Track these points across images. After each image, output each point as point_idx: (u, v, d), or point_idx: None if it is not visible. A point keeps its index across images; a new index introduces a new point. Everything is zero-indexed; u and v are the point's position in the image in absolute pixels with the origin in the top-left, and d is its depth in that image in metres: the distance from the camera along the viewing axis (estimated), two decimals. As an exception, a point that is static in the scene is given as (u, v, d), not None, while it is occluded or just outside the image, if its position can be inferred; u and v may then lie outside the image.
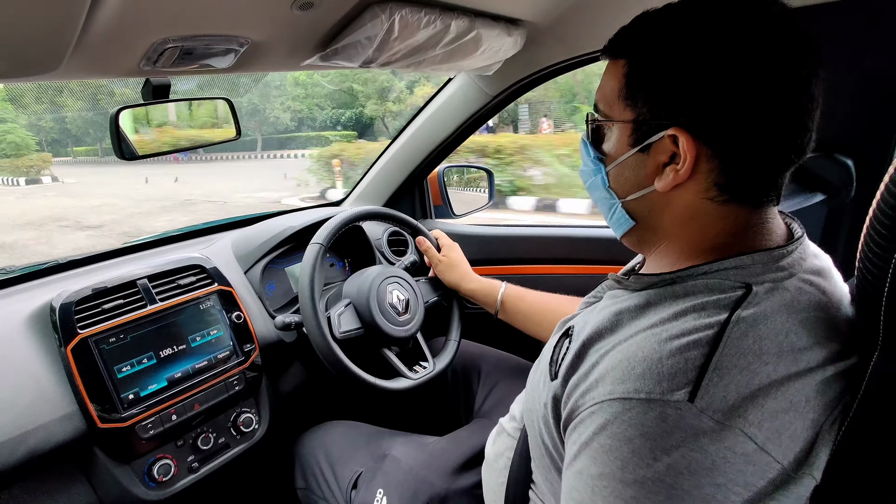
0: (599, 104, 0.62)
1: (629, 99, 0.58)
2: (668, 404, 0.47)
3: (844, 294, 0.59)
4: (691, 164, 0.54)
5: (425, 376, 1.19)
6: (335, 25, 0.82)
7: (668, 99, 0.55)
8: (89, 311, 0.97)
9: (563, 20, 1.05)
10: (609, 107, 0.61)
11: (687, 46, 0.53)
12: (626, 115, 0.58)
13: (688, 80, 0.53)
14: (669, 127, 0.54)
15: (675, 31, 0.54)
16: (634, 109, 0.58)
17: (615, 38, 0.60)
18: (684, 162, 0.54)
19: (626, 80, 0.58)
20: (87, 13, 0.54)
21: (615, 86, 0.59)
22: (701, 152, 0.54)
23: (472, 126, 1.41)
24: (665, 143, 0.55)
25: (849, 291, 0.59)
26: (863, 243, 0.51)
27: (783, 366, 0.48)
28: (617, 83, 0.59)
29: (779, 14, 0.52)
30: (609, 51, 0.61)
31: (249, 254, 1.29)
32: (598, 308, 0.64)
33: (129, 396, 0.95)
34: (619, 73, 0.58)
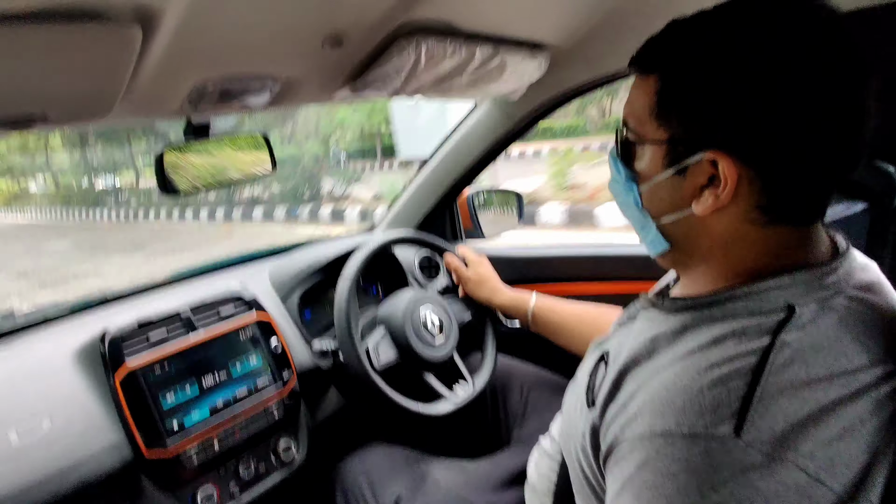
0: (629, 120, 0.58)
1: (662, 118, 0.54)
2: (712, 439, 0.44)
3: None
4: (733, 187, 0.50)
5: (466, 397, 1.19)
6: (364, 59, 0.85)
7: (705, 118, 0.51)
8: (135, 343, 1.00)
9: (586, 41, 1.06)
10: (640, 124, 0.57)
11: (724, 60, 0.49)
12: (659, 134, 0.55)
13: (726, 98, 0.49)
14: (708, 149, 0.51)
15: (711, 43, 0.50)
16: (668, 129, 0.54)
17: (644, 50, 0.56)
18: (725, 186, 0.51)
19: (658, 98, 0.54)
20: (135, 61, 0.58)
21: (646, 103, 0.55)
22: (742, 174, 0.50)
23: (498, 148, 1.42)
24: (703, 165, 0.52)
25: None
26: None
27: (834, 390, 0.46)
28: (648, 100, 0.55)
29: (827, 20, 0.48)
30: (638, 64, 0.57)
31: (286, 282, 1.32)
32: (634, 331, 0.62)
33: (173, 426, 0.98)
34: (651, 90, 0.54)
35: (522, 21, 0.94)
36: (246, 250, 1.58)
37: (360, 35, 0.78)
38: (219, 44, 0.66)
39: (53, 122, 0.66)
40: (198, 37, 0.62)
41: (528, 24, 0.96)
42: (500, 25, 0.92)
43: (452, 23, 0.85)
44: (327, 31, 0.74)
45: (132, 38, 0.54)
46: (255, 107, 0.87)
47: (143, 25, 0.54)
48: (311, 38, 0.75)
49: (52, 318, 1.15)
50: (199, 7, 0.56)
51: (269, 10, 0.64)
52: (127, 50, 0.55)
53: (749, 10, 0.50)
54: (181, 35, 0.59)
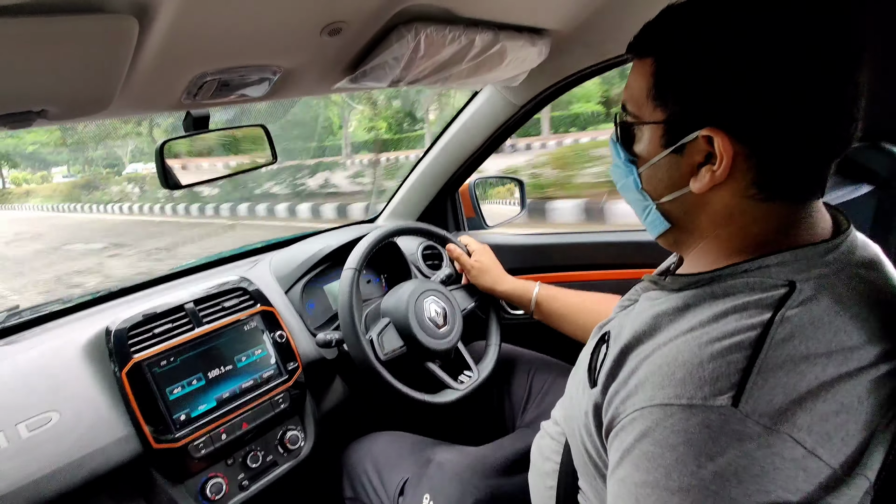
0: (627, 104, 0.60)
1: (659, 99, 0.55)
2: (711, 409, 0.45)
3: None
4: (728, 164, 0.52)
5: (471, 385, 1.19)
6: (363, 48, 0.85)
7: (699, 97, 0.52)
8: (141, 336, 1.01)
9: (587, 26, 1.05)
10: (638, 107, 0.58)
11: (716, 41, 0.50)
12: (656, 115, 0.56)
13: (719, 77, 0.50)
14: (703, 127, 0.52)
15: (703, 25, 0.52)
16: (665, 110, 0.55)
17: (641, 35, 0.58)
18: (720, 162, 0.52)
19: (654, 80, 0.55)
20: (132, 53, 0.58)
21: (643, 85, 0.56)
22: (738, 151, 0.51)
23: (500, 137, 1.41)
24: (699, 143, 0.53)
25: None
26: None
27: (833, 366, 0.46)
28: (645, 83, 0.56)
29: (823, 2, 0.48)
30: (635, 49, 0.58)
31: (289, 274, 1.32)
32: (635, 311, 0.62)
33: (180, 417, 0.98)
34: (647, 73, 0.56)
35: (523, 6, 0.93)
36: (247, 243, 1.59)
37: (359, 23, 0.77)
38: (217, 35, 0.65)
39: (53, 118, 0.66)
40: (195, 28, 0.61)
41: (528, 9, 0.95)
42: (501, 11, 0.91)
43: (452, 9, 0.84)
44: (327, 19, 0.74)
45: (129, 30, 0.54)
46: (253, 98, 0.87)
47: (139, 17, 0.53)
48: (311, 28, 0.74)
49: (58, 313, 1.16)
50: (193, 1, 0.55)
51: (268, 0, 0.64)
52: (124, 42, 0.55)
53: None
54: (178, 27, 0.58)
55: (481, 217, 1.69)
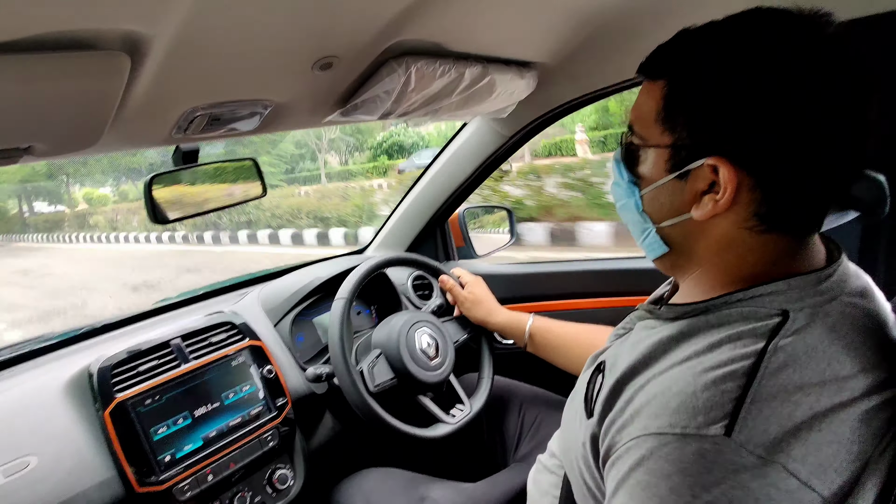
0: (635, 125, 0.59)
1: (667, 122, 0.55)
2: (704, 439, 0.45)
3: (889, 314, 0.56)
4: (732, 194, 0.51)
5: (463, 419, 1.17)
6: (354, 82, 0.85)
7: (709, 125, 0.52)
8: (125, 374, 0.98)
9: (573, 60, 1.07)
10: (645, 128, 0.58)
11: (731, 69, 0.50)
12: (663, 139, 0.56)
13: (731, 106, 0.50)
14: (709, 155, 0.52)
15: (719, 52, 0.51)
16: (672, 134, 0.55)
17: (654, 56, 0.57)
18: (724, 192, 0.52)
19: (664, 103, 0.55)
20: (123, 90, 0.57)
21: (653, 107, 0.56)
22: (743, 182, 0.51)
23: (489, 167, 1.43)
24: (704, 170, 0.53)
25: (892, 310, 0.57)
26: None
27: (826, 396, 0.46)
28: (655, 105, 0.56)
29: (832, 36, 0.49)
30: (647, 70, 0.58)
31: (278, 307, 1.30)
32: (630, 341, 0.62)
33: (165, 458, 0.95)
34: (658, 95, 0.56)
35: (511, 40, 0.95)
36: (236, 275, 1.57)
37: (350, 57, 0.78)
38: (208, 70, 0.66)
39: (39, 155, 0.65)
40: (187, 64, 0.61)
41: (516, 43, 0.97)
42: (489, 45, 0.93)
43: (442, 44, 0.85)
44: (319, 54, 0.74)
45: (120, 66, 0.53)
46: (243, 132, 0.87)
47: (131, 54, 0.53)
48: (303, 62, 0.75)
49: (40, 350, 1.12)
50: (188, 35, 0.56)
51: (261, 35, 0.64)
52: (115, 79, 0.55)
53: (758, 22, 0.52)
54: (170, 63, 0.58)
55: (471, 246, 1.69)
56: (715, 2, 0.88)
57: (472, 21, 0.82)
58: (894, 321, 0.55)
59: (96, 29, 0.48)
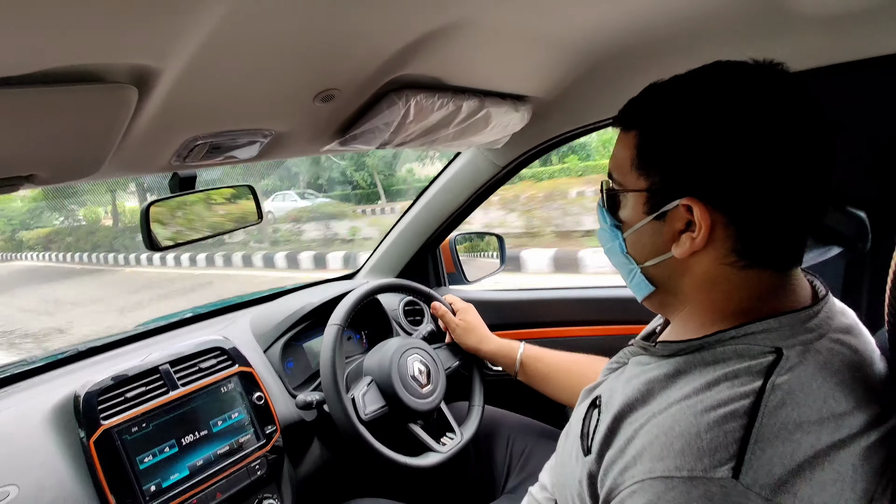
0: (613, 172, 0.63)
1: (642, 168, 0.58)
2: (712, 482, 0.45)
3: (875, 349, 0.58)
4: (706, 232, 0.54)
5: (454, 448, 1.16)
6: (354, 113, 0.87)
7: (679, 168, 0.55)
8: (112, 401, 0.96)
9: (566, 95, 1.10)
10: (623, 175, 0.61)
11: (696, 118, 0.54)
12: (639, 184, 0.59)
13: (698, 151, 0.53)
14: (683, 196, 0.55)
15: (684, 102, 0.55)
16: (648, 179, 0.58)
17: (626, 109, 0.61)
18: (699, 230, 0.54)
19: (637, 151, 0.59)
20: (129, 121, 0.58)
21: (628, 155, 0.60)
22: (716, 220, 0.54)
23: (482, 195, 1.44)
24: (680, 211, 0.56)
25: (877, 345, 0.58)
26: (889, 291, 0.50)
27: (826, 434, 0.47)
28: (629, 153, 0.59)
29: (788, 83, 0.53)
30: (621, 122, 0.62)
31: (268, 332, 1.29)
32: (625, 377, 0.63)
33: (150, 488, 0.93)
34: (632, 144, 0.59)
35: (508, 76, 0.98)
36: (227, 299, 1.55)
37: (352, 90, 0.80)
38: (213, 102, 0.66)
39: (40, 182, 0.64)
40: (192, 95, 0.62)
41: (512, 78, 0.99)
42: (486, 80, 0.95)
43: (441, 78, 0.87)
44: (320, 87, 0.76)
45: (128, 98, 0.54)
46: (242, 160, 0.87)
47: (139, 87, 0.54)
48: (305, 95, 0.76)
49: (23, 375, 1.10)
50: (195, 68, 0.56)
51: (266, 68, 0.65)
52: (122, 110, 0.55)
53: (718, 75, 0.56)
54: (176, 95, 0.59)
55: (462, 272, 1.70)
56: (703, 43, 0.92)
57: (470, 57, 0.84)
58: (880, 356, 0.57)
59: (106, 63, 0.49)
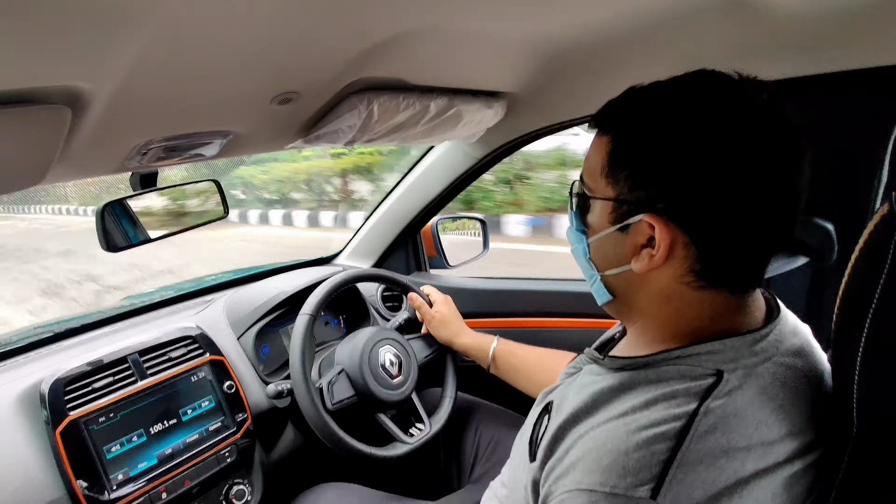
0: (585, 175, 0.61)
1: (611, 176, 0.56)
2: (630, 500, 0.46)
3: (826, 371, 0.58)
4: (665, 251, 0.53)
5: (421, 439, 1.18)
6: (316, 114, 0.85)
7: (647, 182, 0.53)
8: (79, 392, 0.97)
9: (541, 91, 1.07)
10: (593, 180, 0.59)
11: (669, 131, 0.52)
12: (607, 191, 0.57)
13: (668, 166, 0.52)
14: (647, 211, 0.53)
15: (660, 113, 0.53)
16: (615, 188, 0.56)
17: (603, 111, 0.59)
18: (659, 248, 0.53)
19: (609, 158, 0.57)
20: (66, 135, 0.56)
21: (599, 161, 0.58)
22: (678, 238, 0.53)
23: (459, 186, 1.43)
24: (643, 225, 0.54)
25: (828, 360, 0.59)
26: (836, 316, 0.50)
27: (751, 461, 0.48)
28: (601, 159, 0.57)
29: (765, 105, 0.51)
30: (596, 123, 0.60)
31: (242, 319, 1.29)
32: (577, 385, 0.63)
33: (118, 476, 0.95)
34: (604, 150, 0.57)
35: (477, 74, 0.95)
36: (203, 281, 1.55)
37: (310, 93, 0.78)
38: (159, 110, 0.65)
39: None
40: (134, 107, 0.61)
41: (482, 76, 0.97)
42: (455, 79, 0.93)
43: (406, 79, 0.85)
44: (276, 90, 0.74)
45: (62, 118, 0.53)
46: (204, 158, 0.86)
47: (72, 106, 0.53)
48: (261, 98, 0.74)
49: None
50: (134, 83, 0.55)
51: (215, 77, 0.63)
52: (56, 129, 0.54)
53: (698, 87, 0.53)
54: (115, 109, 0.58)
55: (443, 256, 1.69)
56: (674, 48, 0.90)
57: (435, 58, 0.82)
58: (829, 377, 0.57)
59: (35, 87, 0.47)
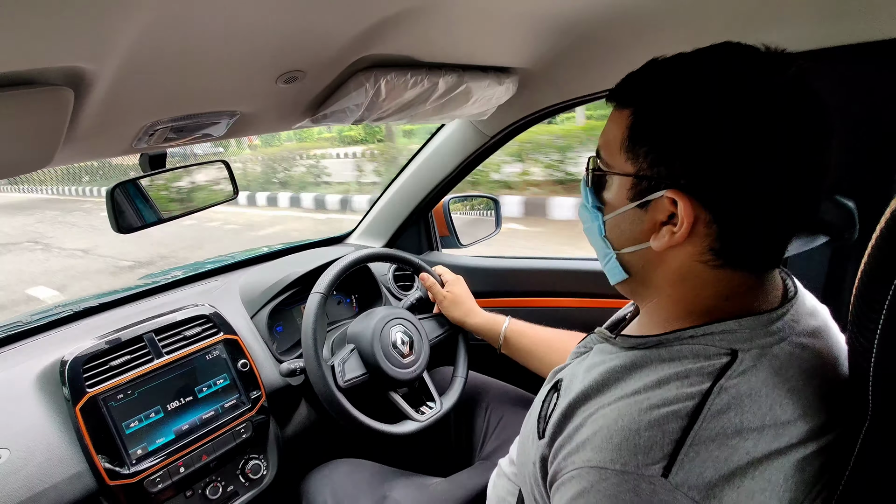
0: (602, 151, 0.59)
1: (631, 152, 0.54)
2: (642, 478, 0.46)
3: (843, 353, 0.57)
4: (688, 228, 0.51)
5: (432, 417, 1.19)
6: (322, 93, 0.84)
7: (670, 158, 0.51)
8: (97, 369, 0.99)
9: (554, 65, 1.04)
10: (611, 155, 0.57)
11: (694, 105, 0.49)
12: (626, 167, 0.55)
13: (692, 141, 0.49)
14: (669, 188, 0.51)
15: (684, 87, 0.51)
16: (636, 163, 0.54)
17: (623, 84, 0.57)
18: (681, 226, 0.52)
19: (629, 132, 0.54)
20: (70, 117, 0.56)
21: (619, 135, 0.56)
22: (700, 216, 0.51)
23: (471, 164, 1.41)
24: (664, 202, 0.53)
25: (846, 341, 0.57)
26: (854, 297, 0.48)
27: (764, 442, 0.47)
28: (620, 133, 0.55)
29: (794, 78, 0.48)
30: (615, 97, 0.58)
31: (256, 298, 1.31)
32: (587, 364, 0.63)
33: (137, 451, 0.98)
34: (624, 124, 0.55)
35: (487, 50, 0.92)
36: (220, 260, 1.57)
37: (316, 71, 0.76)
38: (164, 91, 0.64)
39: None
40: (138, 88, 0.60)
41: (492, 52, 0.94)
42: (464, 55, 0.91)
43: (413, 56, 0.83)
44: (282, 69, 0.73)
45: (64, 100, 0.52)
46: (212, 138, 0.86)
47: (74, 87, 0.52)
48: (266, 77, 0.73)
49: (13, 338, 1.13)
50: (136, 63, 0.54)
51: (218, 57, 0.62)
52: (59, 111, 0.54)
53: (725, 60, 0.51)
54: (118, 90, 0.57)
55: (455, 236, 1.68)
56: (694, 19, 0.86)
57: (443, 34, 0.80)
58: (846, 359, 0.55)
59: (36, 68, 0.47)
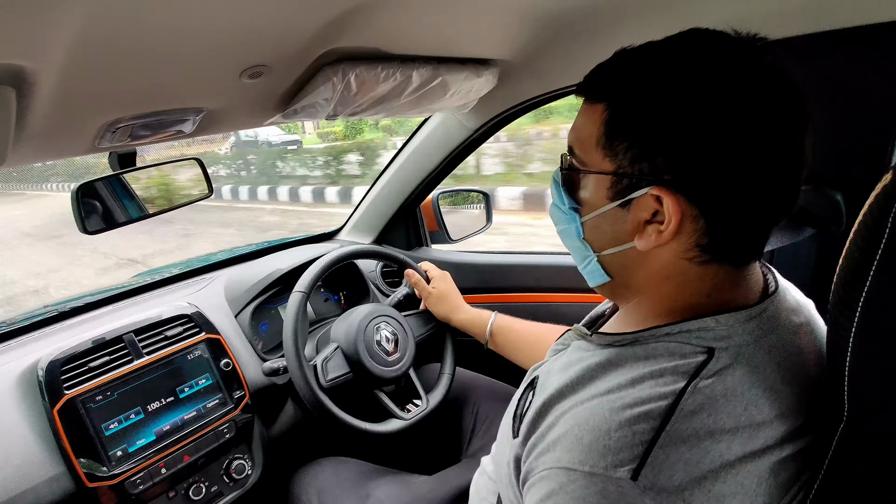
0: (575, 147, 0.56)
1: (609, 148, 0.52)
2: (609, 481, 0.45)
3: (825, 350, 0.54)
4: (676, 226, 0.49)
5: (418, 415, 1.18)
6: (290, 88, 0.82)
7: (652, 153, 0.49)
8: (75, 371, 0.98)
9: (536, 56, 1.02)
10: (585, 153, 0.54)
11: (674, 97, 0.47)
12: (604, 165, 0.53)
13: (675, 135, 0.47)
14: (653, 184, 0.49)
15: (661, 78, 0.48)
16: (614, 161, 0.52)
17: (592, 77, 0.54)
18: (668, 224, 0.49)
19: (606, 128, 0.52)
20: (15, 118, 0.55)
21: (593, 132, 0.53)
22: (686, 212, 0.49)
23: (457, 158, 1.39)
24: (647, 199, 0.50)
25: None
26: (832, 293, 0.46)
27: (737, 444, 0.45)
28: (595, 129, 0.52)
29: (770, 65, 0.47)
30: (586, 91, 0.55)
31: (239, 297, 1.30)
32: (563, 361, 0.61)
33: (117, 453, 0.97)
34: (598, 119, 0.52)
35: (464, 40, 0.90)
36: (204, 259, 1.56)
37: (281, 66, 0.74)
38: (119, 89, 0.63)
39: None
40: (89, 85, 0.58)
41: (470, 42, 0.92)
42: (438, 46, 0.88)
43: (382, 49, 0.81)
44: (245, 63, 0.71)
45: (5, 98, 0.51)
46: (180, 136, 0.84)
47: (16, 86, 0.51)
48: (229, 72, 0.71)
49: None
50: (82, 60, 0.53)
51: (172, 50, 0.60)
52: (3, 110, 0.52)
53: (696, 47, 0.49)
54: (68, 88, 0.56)
55: (445, 231, 1.67)
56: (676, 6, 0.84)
57: (413, 25, 0.78)
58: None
59: None
